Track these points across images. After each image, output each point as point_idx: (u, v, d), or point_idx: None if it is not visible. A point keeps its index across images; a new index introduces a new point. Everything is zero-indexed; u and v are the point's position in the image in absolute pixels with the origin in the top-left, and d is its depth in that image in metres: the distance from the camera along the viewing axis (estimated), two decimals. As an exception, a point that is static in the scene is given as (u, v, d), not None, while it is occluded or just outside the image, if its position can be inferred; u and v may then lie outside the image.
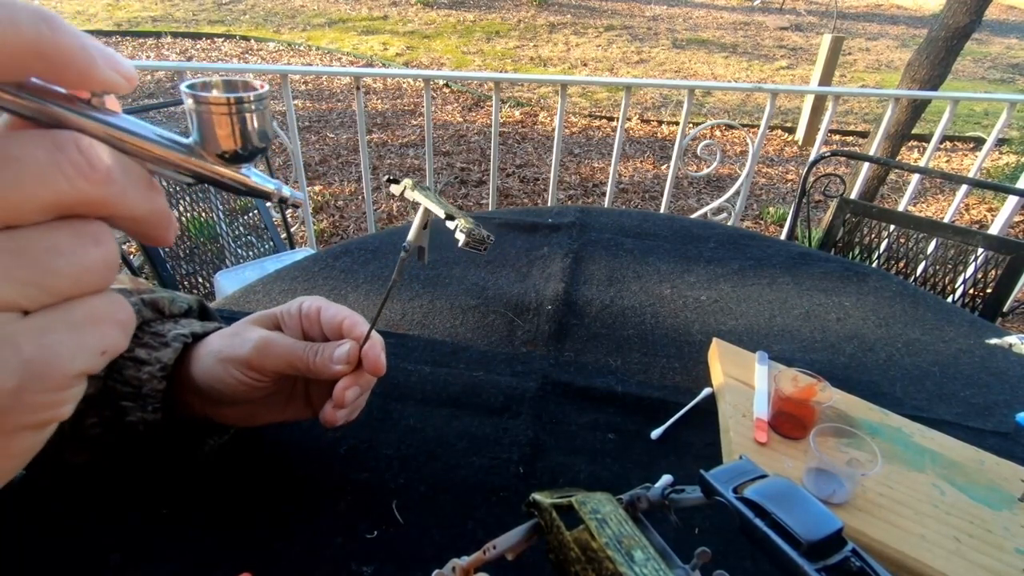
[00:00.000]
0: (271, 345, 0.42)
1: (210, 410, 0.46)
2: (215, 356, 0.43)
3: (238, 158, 0.23)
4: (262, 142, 0.23)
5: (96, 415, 0.43)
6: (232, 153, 0.23)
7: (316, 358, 0.42)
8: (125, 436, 0.44)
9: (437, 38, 7.50)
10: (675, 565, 0.29)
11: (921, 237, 1.33)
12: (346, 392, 0.43)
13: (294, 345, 0.43)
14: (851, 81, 6.78)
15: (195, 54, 6.55)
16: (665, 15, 9.43)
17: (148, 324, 0.46)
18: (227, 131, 0.22)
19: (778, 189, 4.14)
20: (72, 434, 0.43)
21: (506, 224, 1.06)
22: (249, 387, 0.43)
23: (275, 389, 0.45)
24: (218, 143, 0.22)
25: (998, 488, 0.54)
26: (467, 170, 4.04)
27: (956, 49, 3.00)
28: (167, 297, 0.48)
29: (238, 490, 0.51)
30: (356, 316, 0.46)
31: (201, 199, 1.55)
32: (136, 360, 0.43)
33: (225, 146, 0.23)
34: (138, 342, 0.44)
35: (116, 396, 0.43)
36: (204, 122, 0.22)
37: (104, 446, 0.45)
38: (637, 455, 0.58)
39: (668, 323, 0.80)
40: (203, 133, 0.22)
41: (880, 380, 0.71)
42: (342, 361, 0.42)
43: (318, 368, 0.42)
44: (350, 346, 0.43)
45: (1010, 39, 8.99)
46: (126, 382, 0.43)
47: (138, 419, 0.43)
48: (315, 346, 0.43)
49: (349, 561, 0.46)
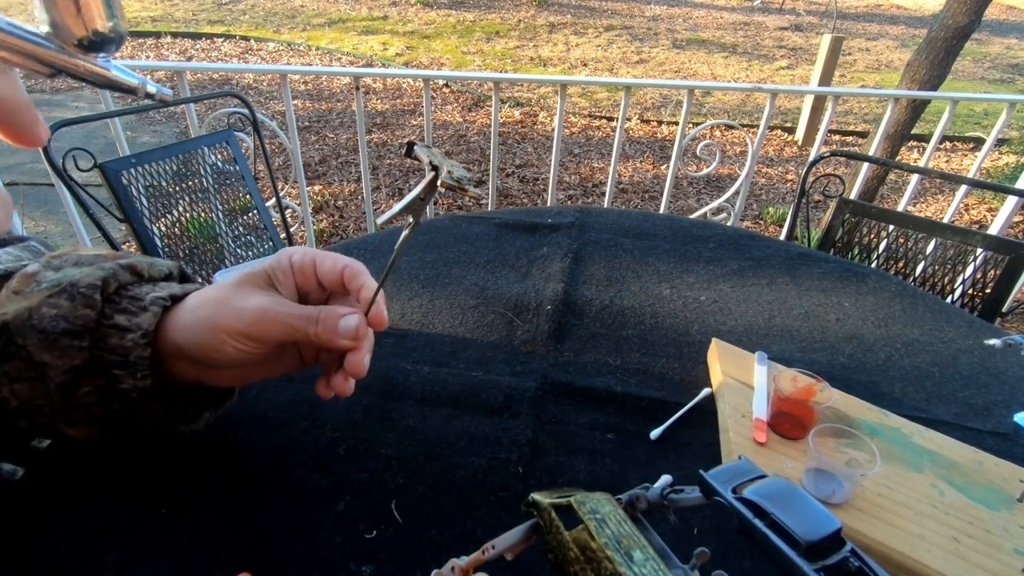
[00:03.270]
0: (270, 315, 0.41)
1: (203, 374, 0.45)
2: (207, 325, 0.42)
3: (91, 46, 0.23)
4: (112, 30, 0.23)
5: (90, 383, 0.42)
6: (83, 39, 0.22)
7: (319, 328, 0.41)
8: (120, 403, 0.43)
9: (437, 38, 7.49)
10: (674, 565, 0.29)
11: (920, 237, 1.33)
12: (362, 362, 0.42)
13: (295, 315, 0.41)
14: (851, 81, 6.78)
15: (195, 54, 6.55)
16: (665, 15, 9.43)
17: (125, 288, 0.44)
18: (71, 14, 0.22)
19: (778, 189, 4.14)
20: (65, 404, 0.42)
21: (506, 224, 1.06)
22: (247, 354, 0.42)
23: (270, 352, 0.45)
24: (67, 29, 0.22)
25: (997, 488, 0.54)
26: (467, 170, 4.03)
27: (956, 49, 3.00)
28: (145, 261, 0.47)
29: (238, 490, 0.51)
30: (355, 264, 0.44)
31: (201, 199, 1.55)
32: (118, 327, 0.42)
33: (75, 31, 0.22)
34: (116, 307, 0.43)
35: (106, 365, 0.42)
36: (50, 7, 0.22)
37: (100, 418, 0.44)
38: (636, 455, 0.58)
39: (667, 323, 0.80)
40: (52, 20, 0.22)
41: (879, 380, 0.72)
42: (350, 336, 0.41)
43: (322, 339, 0.41)
44: (358, 320, 0.41)
45: (1010, 39, 8.99)
46: (112, 350, 0.42)
47: (130, 386, 0.42)
48: (315, 315, 0.41)
49: (348, 561, 0.46)
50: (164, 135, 4.35)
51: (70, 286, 0.42)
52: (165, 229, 1.47)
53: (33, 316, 0.41)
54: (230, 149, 1.58)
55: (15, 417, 0.43)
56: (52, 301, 0.41)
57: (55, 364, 0.41)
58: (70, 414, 0.43)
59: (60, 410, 0.43)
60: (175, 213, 1.49)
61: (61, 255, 0.46)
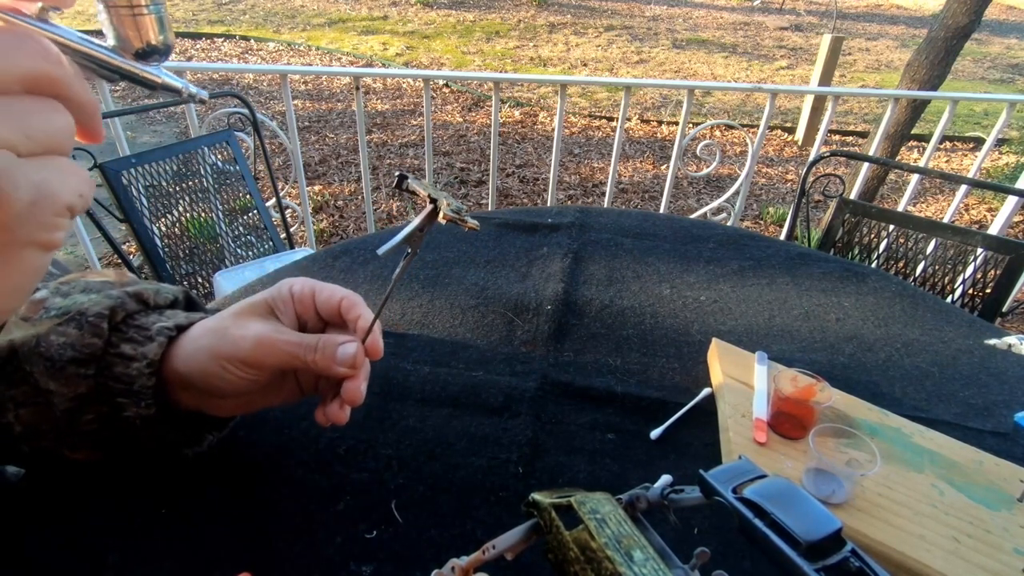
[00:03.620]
0: (269, 343, 0.42)
1: (203, 403, 0.46)
2: (208, 353, 0.42)
3: (145, 55, 0.29)
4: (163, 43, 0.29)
5: (93, 411, 0.43)
6: (139, 50, 0.29)
7: (316, 355, 0.42)
8: (123, 431, 0.44)
9: (437, 38, 7.49)
10: (674, 565, 0.29)
11: (920, 237, 1.33)
12: (359, 390, 0.43)
13: (293, 342, 0.42)
14: (851, 81, 6.78)
15: (195, 54, 6.55)
16: (665, 15, 9.43)
17: (132, 317, 0.45)
18: (131, 29, 0.28)
19: (778, 189, 4.14)
20: (69, 430, 0.43)
21: (506, 224, 1.06)
22: (248, 382, 0.43)
23: (270, 380, 0.45)
24: (128, 41, 0.28)
25: (997, 488, 0.54)
26: (467, 170, 4.04)
27: (956, 49, 3.00)
28: (151, 289, 0.48)
29: (238, 490, 0.51)
30: (352, 296, 0.45)
31: (201, 199, 1.55)
32: (123, 356, 0.43)
33: (134, 43, 0.28)
34: (123, 336, 0.43)
35: (111, 393, 0.43)
36: (113, 24, 0.28)
37: (102, 441, 0.45)
38: (636, 455, 0.58)
39: (668, 323, 0.80)
40: (115, 35, 0.28)
41: (879, 380, 0.72)
42: (347, 364, 0.42)
43: (319, 367, 0.42)
44: (356, 348, 0.42)
45: (1010, 39, 8.99)
46: (117, 379, 0.43)
47: (134, 414, 0.43)
48: (313, 342, 0.42)
49: (348, 561, 0.46)
50: (164, 135, 4.35)
51: (78, 315, 0.43)
52: (165, 229, 1.47)
53: (41, 344, 0.41)
54: (230, 149, 1.58)
55: (19, 442, 0.44)
56: (60, 329, 0.42)
57: (60, 392, 0.42)
58: (73, 439, 0.44)
59: (64, 435, 0.43)
60: (175, 213, 1.49)
61: (68, 281, 0.47)
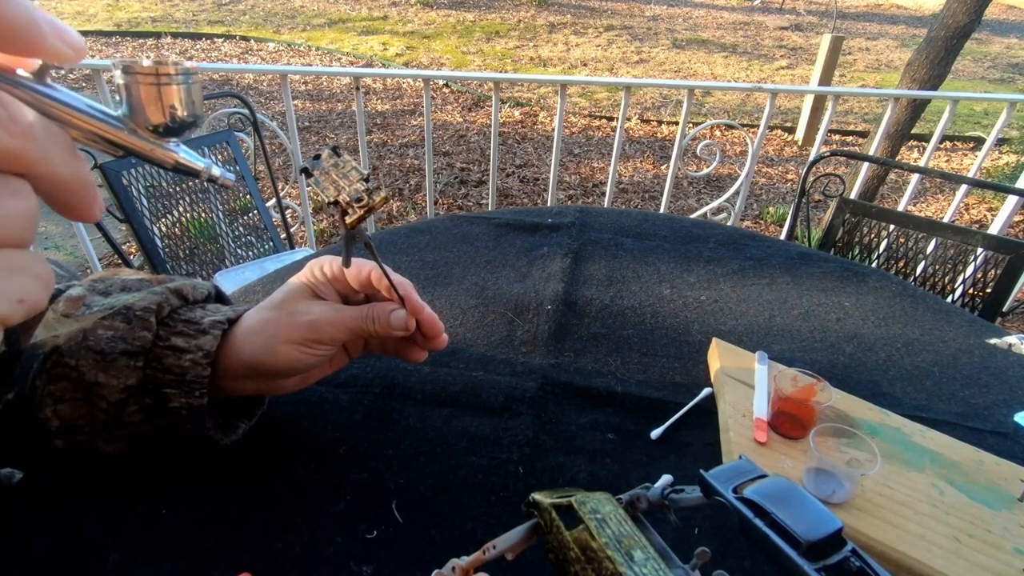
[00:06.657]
0: (339, 321, 0.46)
1: (265, 386, 0.49)
2: (272, 340, 0.45)
3: (167, 131, 0.23)
4: (190, 117, 0.24)
5: (136, 403, 0.44)
6: (160, 126, 0.23)
7: (376, 325, 0.47)
8: (161, 423, 0.45)
9: (437, 38, 7.49)
10: (675, 565, 0.29)
11: (920, 237, 1.33)
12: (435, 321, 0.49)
13: (356, 316, 0.47)
14: (851, 81, 6.78)
15: (195, 54, 6.55)
16: (665, 15, 9.43)
17: (177, 312, 0.47)
18: (153, 102, 0.23)
19: (778, 189, 4.14)
20: (114, 422, 0.44)
21: (506, 224, 1.06)
22: (318, 358, 0.47)
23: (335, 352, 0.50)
24: (145, 115, 0.23)
25: (997, 488, 0.54)
26: (467, 170, 4.04)
27: (956, 49, 3.00)
28: (188, 284, 0.51)
29: (238, 490, 0.51)
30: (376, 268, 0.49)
31: (201, 199, 1.55)
32: (175, 348, 0.44)
33: (153, 118, 0.23)
34: (172, 331, 0.45)
35: (158, 384, 0.44)
36: (132, 93, 0.22)
37: (141, 435, 0.46)
38: (637, 455, 0.58)
39: (668, 323, 0.80)
40: (131, 105, 0.23)
41: (880, 380, 0.71)
42: (401, 327, 0.47)
43: (380, 333, 0.47)
44: (405, 313, 0.47)
45: (1010, 39, 8.99)
46: (167, 370, 0.44)
47: (182, 404, 0.44)
48: (369, 312, 0.47)
49: (349, 561, 0.46)
50: (164, 135, 4.35)
51: (125, 309, 0.44)
52: (165, 229, 1.47)
53: (89, 337, 0.43)
54: (230, 149, 1.58)
55: (53, 437, 0.44)
56: (107, 323, 0.43)
57: (110, 384, 0.43)
58: (112, 431, 0.45)
59: (103, 428, 0.44)
60: (175, 213, 1.50)
61: (102, 278, 0.49)
